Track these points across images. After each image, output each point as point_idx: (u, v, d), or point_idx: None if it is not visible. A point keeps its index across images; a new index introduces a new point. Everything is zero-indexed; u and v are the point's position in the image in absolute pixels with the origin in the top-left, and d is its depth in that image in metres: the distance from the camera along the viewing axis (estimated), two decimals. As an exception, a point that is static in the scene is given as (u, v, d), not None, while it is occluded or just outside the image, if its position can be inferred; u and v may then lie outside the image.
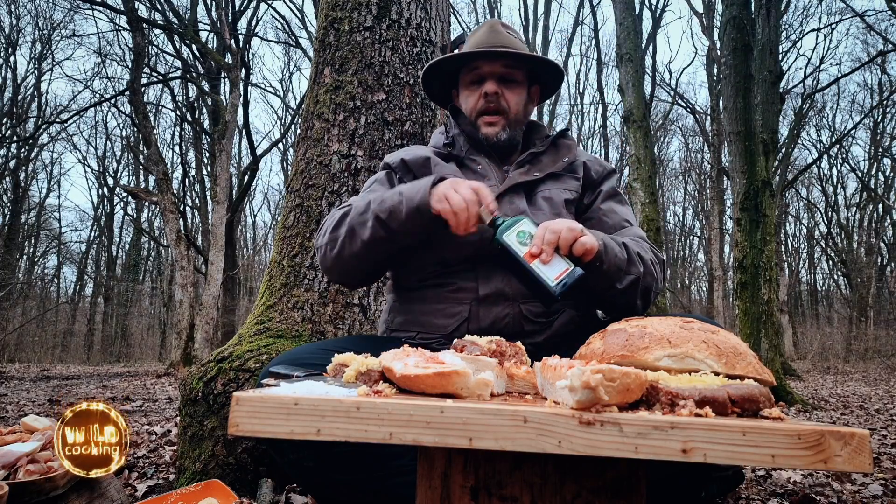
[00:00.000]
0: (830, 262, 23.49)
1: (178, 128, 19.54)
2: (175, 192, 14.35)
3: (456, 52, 2.27)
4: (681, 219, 25.96)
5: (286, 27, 17.40)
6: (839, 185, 22.63)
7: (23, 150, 18.04)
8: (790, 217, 23.39)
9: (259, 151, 16.55)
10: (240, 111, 13.34)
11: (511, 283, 1.26)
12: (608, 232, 1.39)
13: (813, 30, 17.95)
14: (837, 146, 20.39)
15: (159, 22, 13.61)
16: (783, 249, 21.74)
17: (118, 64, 17.14)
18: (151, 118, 16.49)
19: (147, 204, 20.03)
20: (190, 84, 16.04)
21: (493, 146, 1.43)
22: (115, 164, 22.82)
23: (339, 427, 0.63)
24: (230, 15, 13.65)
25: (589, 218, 1.43)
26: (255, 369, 1.70)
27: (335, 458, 1.12)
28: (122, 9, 11.59)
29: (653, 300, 1.32)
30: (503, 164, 1.45)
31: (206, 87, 14.28)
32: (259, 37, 17.92)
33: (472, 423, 0.61)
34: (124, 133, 21.18)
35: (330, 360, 0.89)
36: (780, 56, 13.22)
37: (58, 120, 16.95)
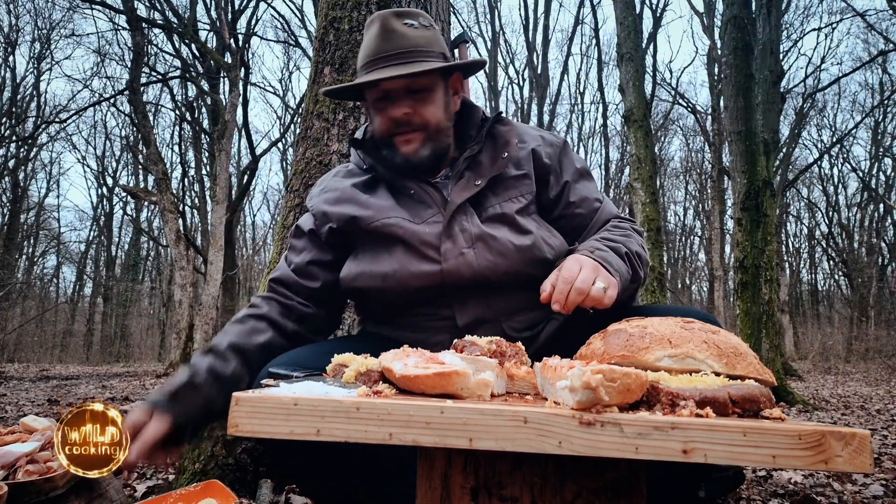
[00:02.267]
0: (831, 262, 23.50)
1: (177, 127, 19.56)
2: (174, 191, 14.35)
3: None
4: (681, 218, 25.98)
5: (286, 26, 17.41)
6: (840, 185, 22.65)
7: (22, 149, 18.05)
8: (791, 217, 23.39)
9: (258, 151, 16.54)
10: (239, 111, 13.34)
11: (490, 305, 1.22)
12: (584, 223, 1.32)
13: (814, 29, 17.96)
14: (838, 146, 20.40)
15: (159, 21, 13.61)
16: (784, 249, 21.74)
17: (117, 63, 17.13)
18: (151, 118, 16.49)
19: (146, 204, 20.03)
20: (189, 84, 16.04)
21: (417, 166, 1.26)
22: (114, 164, 22.86)
23: (338, 427, 0.63)
24: (230, 14, 13.65)
25: (561, 216, 1.33)
26: (255, 369, 1.69)
27: (335, 459, 1.11)
28: (122, 8, 11.60)
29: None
30: (435, 178, 1.29)
31: (206, 87, 14.28)
32: (259, 36, 17.94)
33: (472, 424, 0.61)
34: (123, 133, 21.23)
35: (329, 360, 0.89)
36: (781, 55, 13.23)
37: (57, 119, 16.95)
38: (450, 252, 1.19)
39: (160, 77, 15.10)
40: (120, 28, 14.34)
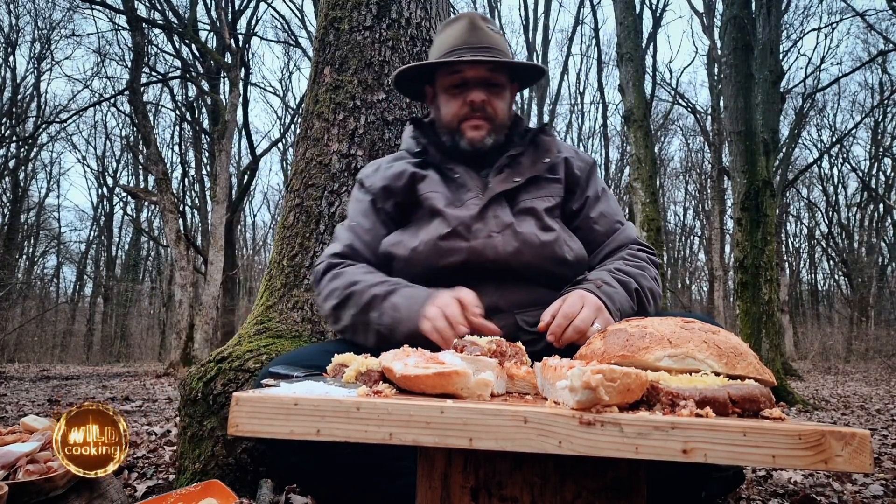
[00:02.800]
0: (831, 262, 23.50)
1: (177, 127, 19.58)
2: (174, 191, 14.35)
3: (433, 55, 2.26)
4: (681, 218, 25.98)
5: (286, 27, 17.42)
6: (840, 185, 22.65)
7: (22, 149, 18.05)
8: (791, 217, 23.40)
9: (259, 151, 16.55)
10: (239, 111, 13.34)
11: (505, 295, 1.26)
12: (600, 239, 1.39)
13: (813, 29, 17.97)
14: (838, 146, 20.41)
15: (159, 21, 13.61)
16: (784, 249, 21.74)
17: (118, 63, 17.14)
18: (151, 118, 16.50)
19: (147, 204, 20.04)
20: (189, 84, 16.04)
21: (476, 152, 1.37)
22: (114, 164, 22.87)
23: (338, 427, 0.63)
24: (230, 14, 13.65)
25: (579, 227, 1.40)
26: (255, 369, 1.69)
27: (335, 458, 1.11)
28: (122, 8, 11.60)
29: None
30: (481, 169, 1.40)
31: (206, 87, 14.28)
32: (259, 36, 17.97)
33: (472, 424, 0.61)
34: (124, 133, 21.24)
35: (330, 360, 0.89)
36: (781, 56, 13.23)
37: (57, 120, 16.95)
38: (480, 232, 1.27)
39: (160, 77, 15.10)
40: (120, 28, 14.36)
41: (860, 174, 21.34)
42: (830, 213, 22.14)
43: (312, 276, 1.43)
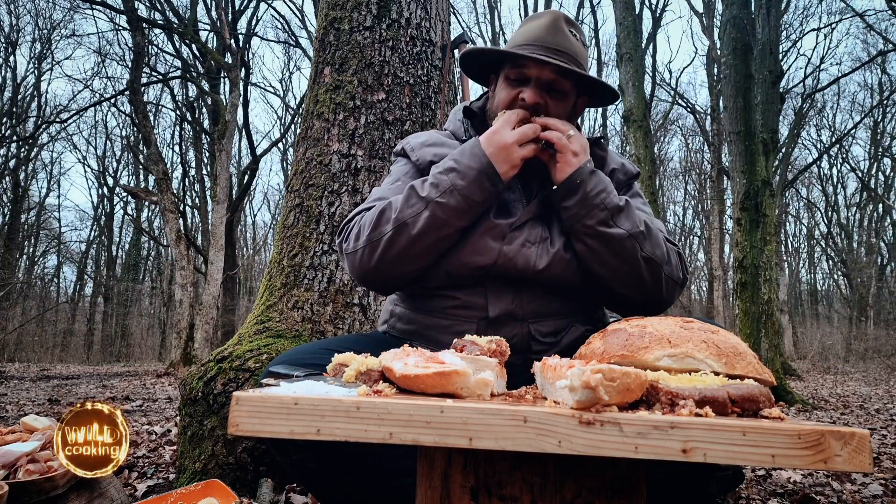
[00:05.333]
0: (830, 262, 23.51)
1: (177, 127, 19.56)
2: (175, 191, 14.34)
3: (494, 46, 2.25)
4: (681, 219, 25.97)
5: (286, 27, 17.42)
6: (839, 185, 22.67)
7: (22, 149, 18.05)
8: (790, 217, 23.41)
9: (259, 151, 16.56)
10: (240, 111, 13.34)
11: (521, 304, 1.22)
12: None
13: (813, 29, 17.96)
14: (837, 146, 20.42)
15: (159, 21, 13.61)
16: (783, 249, 21.75)
17: (118, 63, 17.15)
18: (151, 118, 16.49)
19: (147, 204, 20.04)
20: (190, 84, 16.04)
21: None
22: (114, 164, 22.86)
23: (339, 427, 0.63)
24: (230, 14, 13.65)
25: None
26: (255, 369, 1.70)
27: (338, 458, 1.12)
28: (122, 8, 11.59)
29: (674, 290, 1.24)
30: (528, 172, 1.30)
31: (206, 87, 14.28)
32: (259, 36, 17.97)
33: (472, 423, 0.61)
34: (124, 133, 21.23)
35: (330, 359, 0.89)
36: (780, 56, 13.23)
37: (57, 119, 16.96)
38: (516, 239, 1.22)
39: (161, 77, 15.11)
40: (120, 28, 14.37)
41: (859, 174, 21.36)
42: (830, 213, 22.16)
43: (338, 236, 1.34)
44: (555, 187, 1.20)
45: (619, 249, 1.17)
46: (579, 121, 1.48)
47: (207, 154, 15.77)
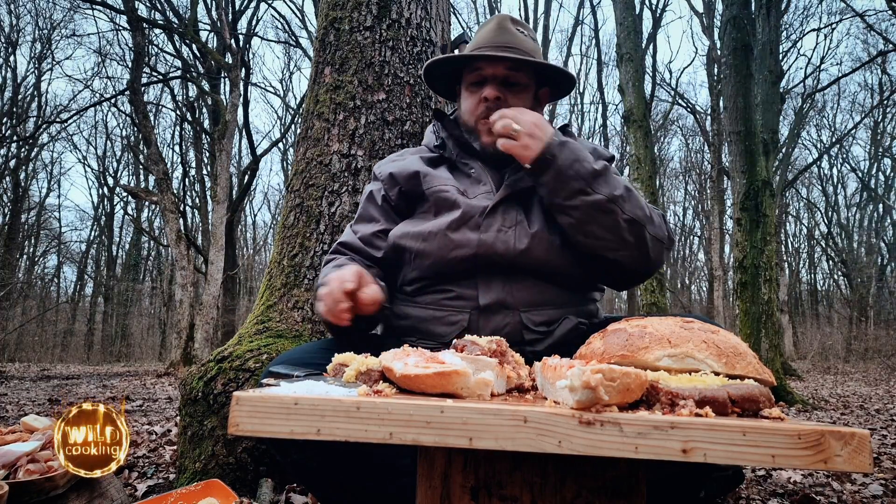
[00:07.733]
0: (830, 262, 23.49)
1: (178, 127, 19.56)
2: (175, 191, 14.34)
3: (456, 51, 2.29)
4: (681, 219, 25.96)
5: (286, 27, 17.43)
6: (839, 185, 22.68)
7: (23, 149, 18.04)
8: (790, 217, 23.39)
9: (259, 151, 16.55)
10: (240, 111, 13.34)
11: (512, 292, 1.24)
12: None
13: (813, 29, 17.96)
14: (838, 146, 20.43)
15: (159, 21, 13.61)
16: (783, 249, 21.74)
17: (118, 63, 17.13)
18: (151, 118, 16.47)
19: (147, 204, 20.04)
20: (190, 84, 16.04)
21: (492, 155, 1.35)
22: (115, 164, 22.86)
23: (339, 427, 0.63)
24: (230, 14, 13.65)
25: None
26: (255, 369, 1.70)
27: (338, 458, 1.12)
28: (122, 8, 11.60)
29: (661, 250, 1.24)
30: (500, 168, 1.38)
31: (206, 87, 14.28)
32: (259, 36, 17.95)
33: (472, 423, 0.61)
34: (124, 133, 21.23)
35: (330, 359, 0.89)
36: (781, 56, 13.23)
37: (58, 119, 16.96)
38: (491, 226, 1.26)
39: (161, 77, 15.10)
40: (121, 28, 14.36)
41: (860, 174, 21.38)
42: (830, 213, 22.16)
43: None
44: (527, 166, 1.22)
45: (600, 214, 1.18)
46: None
47: (207, 154, 15.76)
